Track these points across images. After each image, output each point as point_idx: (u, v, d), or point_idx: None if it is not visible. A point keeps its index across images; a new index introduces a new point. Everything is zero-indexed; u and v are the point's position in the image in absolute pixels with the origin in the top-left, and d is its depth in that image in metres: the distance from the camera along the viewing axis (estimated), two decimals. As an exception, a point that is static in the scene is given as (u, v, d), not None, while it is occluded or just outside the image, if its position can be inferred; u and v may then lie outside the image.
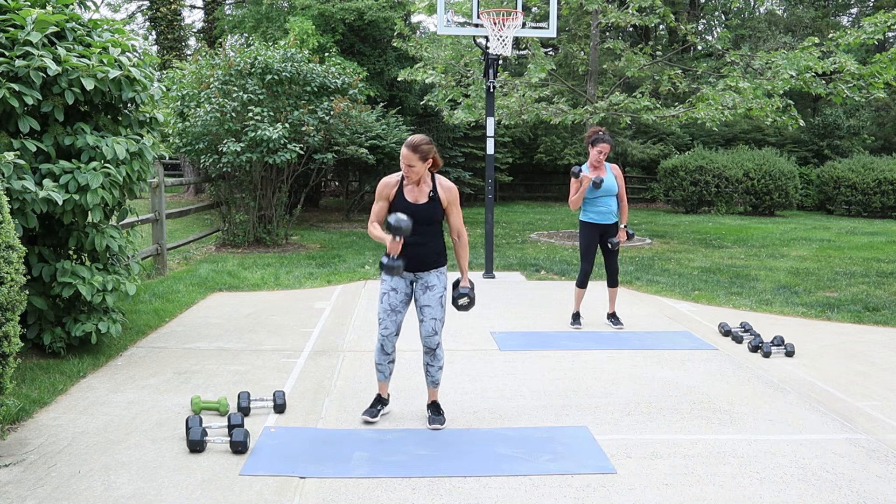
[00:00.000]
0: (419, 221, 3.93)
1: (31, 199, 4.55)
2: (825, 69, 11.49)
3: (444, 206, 4.02)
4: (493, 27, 8.46)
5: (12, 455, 3.63)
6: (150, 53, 5.79)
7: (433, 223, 4.00)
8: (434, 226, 4.01)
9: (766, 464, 3.65)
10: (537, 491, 3.34)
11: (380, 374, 4.20)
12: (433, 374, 4.17)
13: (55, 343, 5.13)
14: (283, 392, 4.32)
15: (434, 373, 4.17)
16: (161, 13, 24.03)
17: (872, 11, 23.08)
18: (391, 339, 4.08)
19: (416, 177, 3.92)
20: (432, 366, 4.15)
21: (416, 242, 3.96)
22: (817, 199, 20.09)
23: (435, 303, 4.04)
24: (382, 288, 4.06)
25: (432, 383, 4.20)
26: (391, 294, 4.03)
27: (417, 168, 3.89)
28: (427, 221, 3.96)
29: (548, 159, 21.79)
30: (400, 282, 4.04)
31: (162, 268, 8.79)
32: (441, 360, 4.15)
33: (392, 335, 4.07)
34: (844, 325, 6.73)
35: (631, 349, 5.73)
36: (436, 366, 4.15)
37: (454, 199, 4.04)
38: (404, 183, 4.00)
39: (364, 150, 13.30)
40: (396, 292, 4.03)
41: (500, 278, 8.90)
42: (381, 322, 4.06)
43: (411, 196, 3.98)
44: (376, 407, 4.21)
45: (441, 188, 4.01)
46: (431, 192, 3.98)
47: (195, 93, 10.98)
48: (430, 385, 4.21)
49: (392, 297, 4.02)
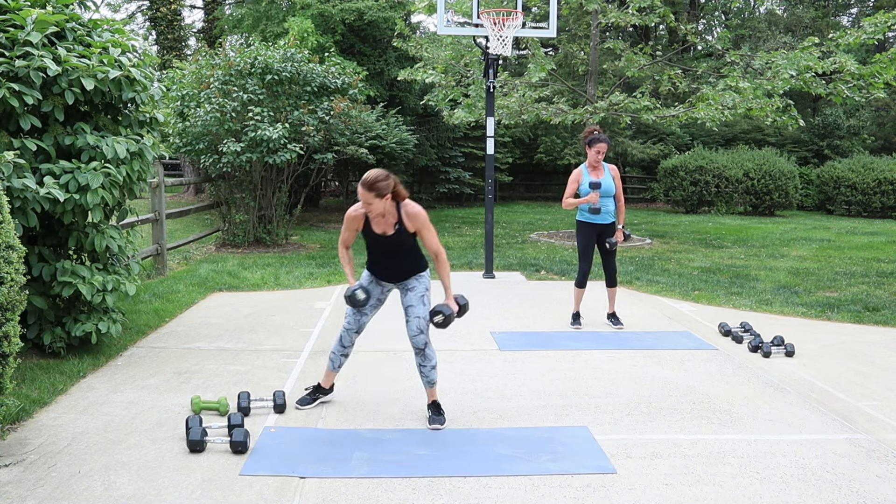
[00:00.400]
0: (390, 250, 4.04)
1: (32, 198, 4.55)
2: (825, 69, 11.50)
3: (413, 232, 4.03)
4: (493, 27, 8.46)
5: (12, 455, 3.63)
6: (150, 54, 5.79)
7: (405, 248, 4.05)
8: (408, 247, 4.05)
9: (766, 464, 3.65)
10: (537, 491, 3.34)
11: (330, 364, 4.34)
12: (427, 374, 4.16)
13: (55, 343, 5.13)
14: (283, 392, 4.32)
15: (427, 373, 4.15)
16: (161, 13, 24.05)
17: (872, 11, 23.10)
18: (350, 334, 4.25)
19: (376, 213, 3.92)
20: (424, 366, 4.14)
21: (392, 265, 4.09)
22: (817, 199, 20.09)
23: (417, 301, 4.08)
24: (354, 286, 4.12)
25: (428, 383, 4.18)
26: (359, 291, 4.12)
27: (376, 205, 3.86)
28: (398, 249, 4.04)
29: (548, 159, 21.80)
30: (375, 287, 4.21)
31: (162, 268, 8.79)
32: (432, 359, 4.14)
33: (352, 331, 4.23)
34: (844, 325, 6.73)
35: (631, 349, 5.73)
36: (428, 365, 4.14)
37: (421, 225, 3.99)
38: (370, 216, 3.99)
39: (364, 150, 13.30)
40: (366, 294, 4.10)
41: (500, 278, 8.90)
42: (346, 317, 4.25)
43: (378, 228, 4.01)
44: (315, 395, 4.36)
45: (407, 217, 3.98)
46: (396, 223, 3.98)
47: (195, 93, 10.98)
48: (426, 385, 4.20)
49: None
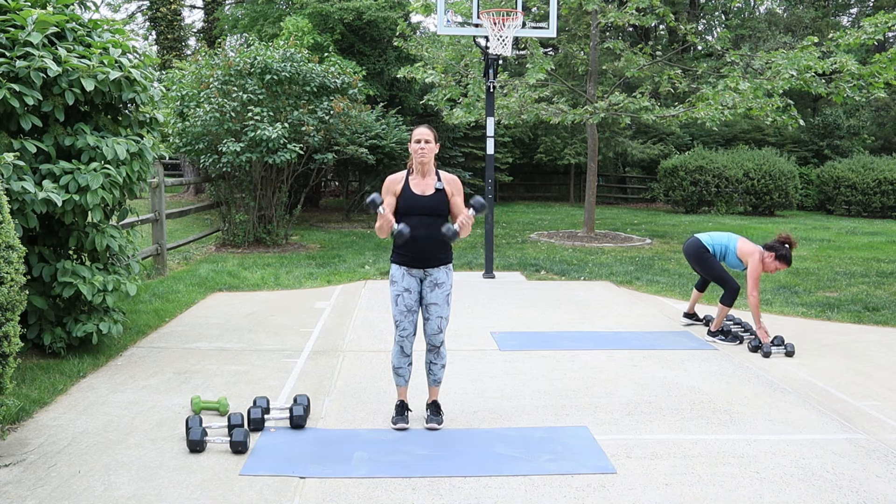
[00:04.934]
0: (427, 213, 3.97)
1: (31, 200, 4.55)
2: (825, 69, 11.49)
3: (450, 196, 4.04)
4: (492, 27, 8.46)
5: (12, 455, 3.64)
6: (149, 54, 5.79)
7: (441, 216, 4.02)
8: (441, 219, 4.02)
9: (766, 464, 3.65)
10: (537, 491, 3.34)
11: (399, 379, 4.15)
12: (436, 372, 4.17)
13: (55, 343, 5.14)
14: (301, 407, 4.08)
15: (437, 371, 4.17)
16: (161, 13, 24.04)
17: (872, 12, 23.09)
18: (410, 339, 4.07)
19: (429, 155, 3.97)
20: (435, 364, 4.15)
21: (425, 236, 3.97)
22: (817, 199, 20.08)
23: (442, 301, 4.06)
24: (395, 290, 4.05)
25: (434, 382, 4.19)
26: (405, 295, 4.03)
27: (430, 148, 3.97)
28: (435, 213, 3.99)
29: (548, 159, 21.79)
30: (412, 282, 4.05)
31: (162, 268, 8.79)
32: (444, 358, 4.16)
33: (410, 335, 4.07)
34: (844, 325, 6.73)
35: (631, 349, 5.73)
36: (439, 364, 4.16)
37: (459, 189, 4.09)
38: (410, 177, 4.04)
39: (364, 150, 13.30)
40: (410, 293, 4.03)
41: (500, 278, 8.90)
42: (398, 324, 4.05)
43: (418, 189, 4.02)
44: (403, 414, 4.15)
45: (445, 181, 4.06)
46: (438, 184, 4.03)
47: (195, 93, 10.98)
48: (431, 384, 4.20)
49: (406, 298, 4.03)
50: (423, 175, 4.03)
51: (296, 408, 4.06)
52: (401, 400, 4.19)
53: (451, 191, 4.05)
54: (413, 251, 3.99)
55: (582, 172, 21.76)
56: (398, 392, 4.19)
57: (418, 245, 3.98)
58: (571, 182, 22.92)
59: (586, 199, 13.61)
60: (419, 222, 3.94)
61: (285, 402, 4.44)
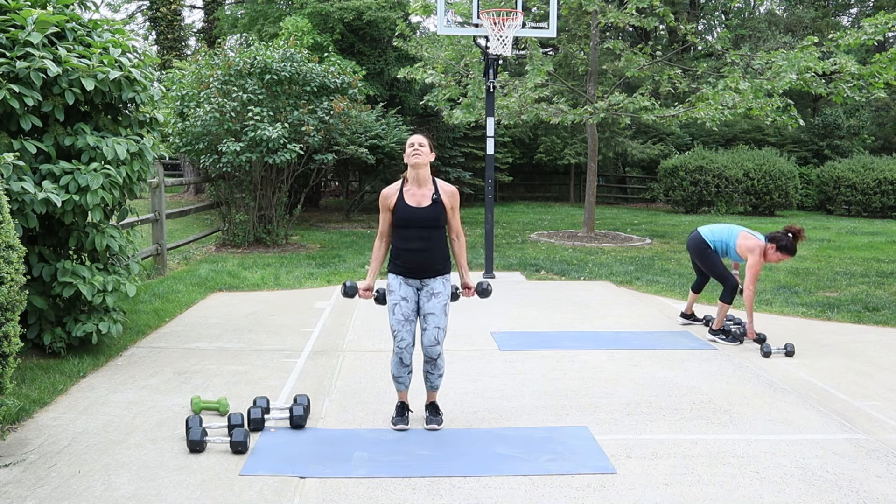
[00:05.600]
0: (423, 226, 3.90)
1: (31, 200, 4.55)
2: (825, 69, 11.49)
3: (447, 209, 3.98)
4: (493, 27, 8.46)
5: (12, 455, 3.64)
6: (150, 54, 5.79)
7: (438, 227, 3.96)
8: (439, 230, 3.96)
9: (766, 464, 3.65)
10: (537, 491, 3.34)
11: (399, 385, 4.12)
12: (433, 381, 4.13)
13: (55, 343, 5.14)
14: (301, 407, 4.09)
15: (434, 380, 4.12)
16: (161, 13, 24.05)
17: (873, 12, 23.10)
18: (409, 350, 3.99)
19: (423, 160, 3.89)
20: (432, 374, 4.09)
21: (422, 248, 3.92)
22: (817, 199, 20.09)
23: (439, 311, 3.99)
24: (392, 299, 3.99)
25: (431, 388, 4.16)
26: (402, 304, 3.97)
27: (425, 154, 3.90)
28: (431, 225, 3.92)
29: (548, 159, 21.79)
30: (409, 291, 3.99)
31: (162, 268, 8.79)
32: (441, 368, 4.09)
33: (409, 346, 3.99)
34: (844, 325, 6.73)
35: (631, 349, 5.73)
36: (436, 374, 4.10)
37: (456, 202, 4.03)
38: (405, 188, 3.97)
39: (364, 150, 13.29)
40: (407, 301, 3.98)
41: (500, 278, 8.90)
42: (396, 334, 3.98)
43: (413, 200, 3.94)
44: (404, 415, 4.13)
45: (443, 192, 3.98)
46: (434, 195, 3.95)
47: (195, 93, 10.98)
48: (428, 389, 4.18)
49: (404, 307, 3.97)
50: (418, 185, 3.95)
51: (296, 408, 4.06)
52: (401, 401, 4.17)
53: (450, 204, 3.99)
54: (410, 263, 3.95)
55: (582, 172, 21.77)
56: (398, 395, 4.18)
57: (414, 257, 3.94)
58: (571, 182, 22.92)
59: (586, 199, 13.61)
60: (417, 236, 3.90)
61: (285, 402, 4.44)
